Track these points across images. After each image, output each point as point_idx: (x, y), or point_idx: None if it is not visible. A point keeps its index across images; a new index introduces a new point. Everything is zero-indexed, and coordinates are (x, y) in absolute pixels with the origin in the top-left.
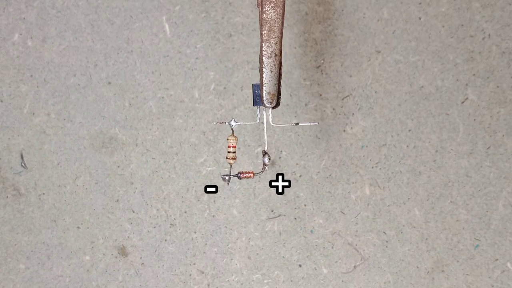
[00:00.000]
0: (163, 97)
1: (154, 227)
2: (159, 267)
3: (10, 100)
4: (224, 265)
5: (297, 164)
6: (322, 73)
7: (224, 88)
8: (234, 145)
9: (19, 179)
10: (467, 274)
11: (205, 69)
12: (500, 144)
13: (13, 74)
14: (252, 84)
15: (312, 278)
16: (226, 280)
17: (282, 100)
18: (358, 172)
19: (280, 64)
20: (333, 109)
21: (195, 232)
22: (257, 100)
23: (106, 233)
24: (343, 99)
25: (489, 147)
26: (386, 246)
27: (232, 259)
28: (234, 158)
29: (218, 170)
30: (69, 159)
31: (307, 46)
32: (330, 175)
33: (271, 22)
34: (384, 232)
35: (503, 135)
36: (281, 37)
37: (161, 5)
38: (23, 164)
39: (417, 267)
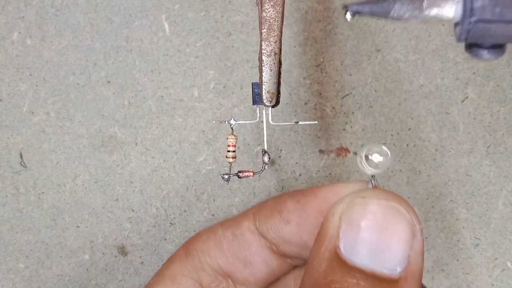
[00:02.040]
0: (162, 96)
1: (154, 226)
2: (158, 266)
3: (9, 99)
4: None
5: (296, 163)
6: (321, 72)
7: (224, 87)
8: (234, 144)
9: (18, 178)
10: (466, 273)
11: (205, 68)
12: (500, 143)
13: (12, 73)
14: (252, 83)
15: None
16: None
17: (281, 98)
18: (358, 171)
19: (280, 62)
20: (333, 107)
21: (194, 231)
22: (257, 99)
23: (105, 232)
24: (343, 97)
25: (489, 146)
26: None
27: None
28: (234, 157)
29: (218, 169)
30: (69, 158)
31: (307, 45)
32: (330, 173)
33: (271, 20)
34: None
35: (503, 134)
36: (281, 35)
37: (161, 4)
38: (22, 163)
39: None
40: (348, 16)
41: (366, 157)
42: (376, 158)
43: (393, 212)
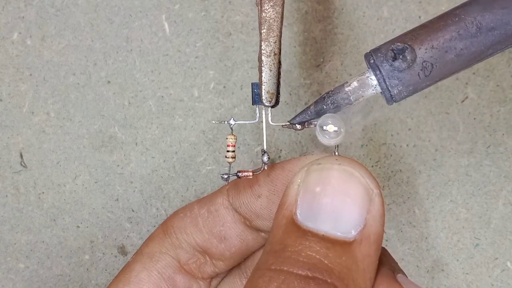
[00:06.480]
0: (162, 96)
1: (154, 226)
2: None
3: (10, 99)
4: None
5: None
6: (321, 72)
7: (224, 87)
8: (233, 144)
9: (18, 178)
10: (466, 273)
11: (205, 68)
12: (500, 143)
13: (12, 73)
14: (251, 83)
15: None
16: None
17: (281, 99)
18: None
19: (279, 63)
20: None
21: None
22: (256, 99)
23: (105, 232)
24: None
25: (489, 146)
26: (386, 245)
27: None
28: (233, 157)
29: (217, 169)
30: (69, 158)
31: (307, 45)
32: None
33: (270, 21)
34: (384, 231)
35: (503, 134)
36: (280, 36)
37: (161, 4)
38: (22, 163)
39: (417, 266)
40: (298, 127)
41: (321, 127)
42: (331, 128)
43: (346, 176)
